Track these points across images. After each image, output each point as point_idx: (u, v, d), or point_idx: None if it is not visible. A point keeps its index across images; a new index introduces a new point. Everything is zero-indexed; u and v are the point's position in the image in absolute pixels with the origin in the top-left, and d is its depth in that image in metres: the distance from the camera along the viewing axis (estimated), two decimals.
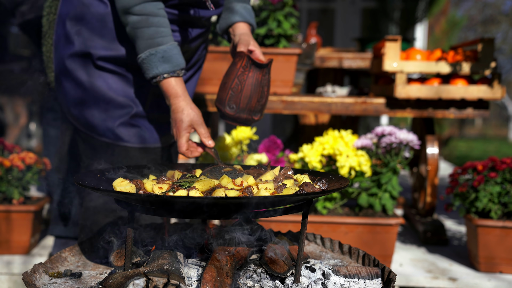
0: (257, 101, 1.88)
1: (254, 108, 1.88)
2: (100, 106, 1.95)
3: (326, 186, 1.52)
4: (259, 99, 1.88)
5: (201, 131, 1.80)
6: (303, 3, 7.80)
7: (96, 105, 1.95)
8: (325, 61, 4.01)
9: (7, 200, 2.84)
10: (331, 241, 1.75)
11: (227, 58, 3.07)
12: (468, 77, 3.09)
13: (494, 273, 2.65)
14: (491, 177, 2.65)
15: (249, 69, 1.85)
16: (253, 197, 1.26)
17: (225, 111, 1.87)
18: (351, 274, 1.45)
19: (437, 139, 3.26)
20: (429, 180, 3.15)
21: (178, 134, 1.79)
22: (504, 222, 2.58)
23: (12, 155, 2.84)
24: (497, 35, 15.58)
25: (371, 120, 7.98)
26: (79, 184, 1.37)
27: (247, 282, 1.40)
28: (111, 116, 1.95)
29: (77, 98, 1.97)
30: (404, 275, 2.64)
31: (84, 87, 1.95)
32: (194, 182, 1.40)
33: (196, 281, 1.38)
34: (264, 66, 1.85)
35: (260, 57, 1.92)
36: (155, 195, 1.27)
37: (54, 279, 1.44)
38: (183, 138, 1.78)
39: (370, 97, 3.19)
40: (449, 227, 3.51)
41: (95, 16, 1.91)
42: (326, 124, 4.20)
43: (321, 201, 2.69)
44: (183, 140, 1.79)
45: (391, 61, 3.03)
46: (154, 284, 1.23)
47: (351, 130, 3.04)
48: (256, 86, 1.85)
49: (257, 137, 2.79)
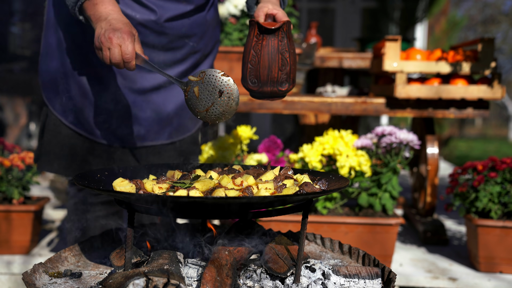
0: (279, 70, 1.71)
1: (278, 78, 1.72)
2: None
3: (326, 186, 1.52)
4: (281, 67, 1.71)
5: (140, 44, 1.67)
6: (303, 3, 7.80)
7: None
8: (325, 61, 4.00)
9: (7, 200, 2.84)
10: (331, 241, 1.75)
11: (227, 58, 3.06)
12: (468, 77, 3.09)
13: (494, 273, 2.64)
14: (491, 177, 2.65)
15: (262, 37, 1.68)
16: (253, 197, 1.26)
17: (248, 86, 1.75)
18: (351, 274, 1.45)
19: (437, 139, 3.26)
20: (429, 180, 3.15)
21: (123, 40, 1.59)
22: (504, 222, 2.58)
23: (12, 155, 2.84)
24: (497, 35, 15.58)
25: (371, 120, 7.99)
26: (79, 184, 1.37)
27: (247, 282, 1.40)
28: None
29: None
30: (404, 275, 2.64)
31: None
32: (194, 182, 1.40)
33: (196, 281, 1.38)
34: (275, 30, 1.67)
35: (280, 19, 1.72)
36: (155, 195, 1.27)
37: (54, 279, 1.44)
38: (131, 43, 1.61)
39: (370, 97, 3.19)
40: (449, 227, 3.51)
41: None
42: (326, 124, 4.20)
43: (321, 201, 2.69)
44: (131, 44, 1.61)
45: (391, 61, 3.03)
46: (154, 284, 1.23)
47: (351, 130, 3.04)
48: (273, 54, 1.69)
49: (257, 137, 2.79)
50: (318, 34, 4.30)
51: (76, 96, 1.97)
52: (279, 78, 1.71)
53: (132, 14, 1.84)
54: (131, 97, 1.95)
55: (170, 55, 1.94)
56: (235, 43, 3.23)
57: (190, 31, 1.96)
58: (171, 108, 2.01)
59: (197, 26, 1.97)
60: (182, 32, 1.94)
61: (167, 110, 2.00)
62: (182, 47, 1.97)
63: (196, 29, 1.97)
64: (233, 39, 3.24)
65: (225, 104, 1.57)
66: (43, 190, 4.38)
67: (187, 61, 2.01)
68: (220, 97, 1.56)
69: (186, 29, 1.94)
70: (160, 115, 1.99)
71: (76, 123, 2.00)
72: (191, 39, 1.98)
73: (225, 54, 2.99)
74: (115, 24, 1.62)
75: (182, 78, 2.00)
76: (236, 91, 1.57)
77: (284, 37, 1.69)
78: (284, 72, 1.72)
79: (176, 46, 1.95)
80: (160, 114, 1.99)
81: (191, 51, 2.01)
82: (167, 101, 2.00)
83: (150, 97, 1.97)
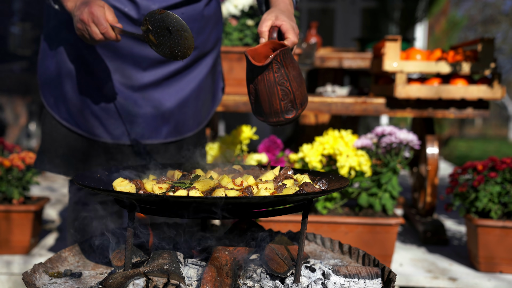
0: (281, 101, 1.58)
1: (281, 108, 1.60)
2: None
3: (326, 186, 1.52)
4: (283, 97, 1.58)
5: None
6: (303, 3, 7.80)
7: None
8: (325, 61, 4.01)
9: (7, 200, 2.84)
10: (331, 241, 1.75)
11: (227, 58, 3.06)
12: (468, 77, 3.09)
13: (494, 273, 2.64)
14: (491, 177, 2.65)
15: (255, 72, 1.55)
16: (253, 197, 1.26)
17: (257, 118, 1.66)
18: (351, 274, 1.45)
19: (437, 139, 3.26)
20: (429, 180, 3.15)
21: (93, 16, 1.63)
22: (504, 222, 2.58)
23: (12, 155, 2.84)
24: (497, 35, 15.58)
25: (371, 120, 7.98)
26: (79, 184, 1.37)
27: (247, 282, 1.40)
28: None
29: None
30: (404, 275, 2.64)
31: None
32: (194, 182, 1.40)
33: (196, 281, 1.38)
34: (267, 66, 1.52)
35: (286, 31, 1.58)
36: (155, 195, 1.26)
37: (54, 279, 1.44)
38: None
39: (370, 97, 3.19)
40: (449, 227, 3.51)
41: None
42: (326, 124, 4.20)
43: (321, 201, 2.69)
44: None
45: (391, 61, 3.03)
46: (154, 284, 1.23)
47: (351, 130, 3.04)
48: (271, 88, 1.56)
49: (257, 137, 2.79)
50: (318, 34, 4.30)
51: (72, 96, 1.97)
52: (283, 108, 1.60)
53: (121, 7, 1.84)
54: (129, 94, 1.94)
55: None
56: (235, 43, 3.23)
57: None
58: (172, 104, 1.99)
59: (192, 21, 1.93)
60: None
61: (167, 105, 1.99)
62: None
63: (190, 24, 1.91)
64: (233, 39, 3.23)
65: (180, 37, 1.57)
66: (43, 190, 4.39)
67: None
68: (171, 34, 1.57)
69: None
70: (160, 111, 1.98)
71: (73, 122, 2.00)
72: None
73: (225, 54, 2.99)
74: (82, 5, 1.66)
75: (177, 76, 2.00)
76: (180, 21, 1.55)
77: (280, 67, 1.54)
78: (287, 100, 1.60)
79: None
80: (160, 110, 1.98)
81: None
82: (168, 96, 1.99)
83: (149, 94, 1.96)
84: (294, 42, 1.59)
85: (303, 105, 1.61)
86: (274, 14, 1.61)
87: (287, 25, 1.59)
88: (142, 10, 1.83)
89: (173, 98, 1.99)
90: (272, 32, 1.61)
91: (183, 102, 2.01)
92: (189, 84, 2.03)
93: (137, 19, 1.85)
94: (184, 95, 2.02)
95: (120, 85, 1.93)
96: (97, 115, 1.96)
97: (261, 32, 1.60)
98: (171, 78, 1.99)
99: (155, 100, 1.97)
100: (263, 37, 1.60)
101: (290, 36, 1.57)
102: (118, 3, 1.83)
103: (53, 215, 3.63)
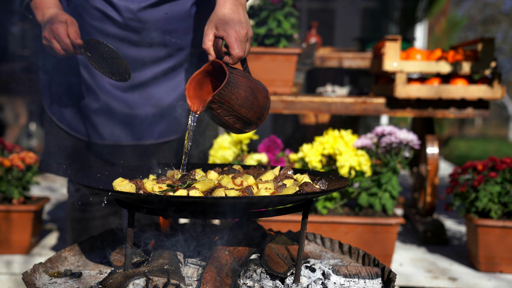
0: (236, 124, 1.53)
1: (240, 129, 1.56)
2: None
3: (326, 186, 1.52)
4: (234, 123, 1.53)
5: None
6: (303, 3, 7.80)
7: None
8: (325, 61, 4.01)
9: (7, 200, 2.84)
10: (331, 241, 1.75)
11: None
12: (468, 77, 3.09)
13: (494, 272, 2.64)
14: (491, 177, 2.65)
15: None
16: (253, 197, 1.26)
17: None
18: (351, 274, 1.45)
19: (437, 139, 3.26)
20: (429, 180, 3.15)
21: (54, 33, 1.72)
22: (504, 222, 2.58)
23: (12, 155, 2.84)
24: (497, 35, 15.58)
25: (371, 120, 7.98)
26: (79, 184, 1.37)
27: (247, 282, 1.40)
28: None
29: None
30: (404, 275, 2.64)
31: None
32: (194, 182, 1.40)
33: (196, 281, 1.38)
34: (204, 110, 1.45)
35: (230, 46, 1.48)
36: (155, 195, 1.27)
37: (54, 278, 1.44)
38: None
39: (370, 97, 3.19)
40: (449, 227, 3.51)
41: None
42: (326, 123, 4.20)
43: (321, 201, 2.69)
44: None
45: (391, 61, 3.03)
46: (154, 284, 1.23)
47: (351, 130, 3.04)
48: (220, 119, 1.50)
49: (257, 137, 2.79)
50: (318, 34, 4.30)
51: (69, 99, 1.99)
52: (240, 128, 1.55)
53: (105, 10, 1.85)
54: (126, 95, 1.94)
55: (151, 52, 1.90)
56: None
57: (168, 26, 1.89)
58: (171, 99, 1.99)
59: (177, 21, 1.90)
60: (160, 26, 1.88)
61: (167, 101, 1.98)
62: (165, 44, 1.92)
63: (176, 24, 1.89)
64: None
65: (114, 64, 1.68)
66: (43, 190, 4.39)
67: (171, 59, 1.95)
68: (107, 61, 1.69)
69: (163, 24, 1.87)
70: (159, 108, 1.98)
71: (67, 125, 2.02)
72: (173, 35, 1.91)
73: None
74: (47, 22, 1.75)
75: (166, 76, 1.99)
76: (111, 49, 1.66)
77: (220, 105, 1.45)
78: (241, 123, 1.53)
79: (157, 42, 1.90)
80: (159, 107, 1.97)
81: (174, 48, 1.94)
82: (166, 92, 1.99)
83: (147, 92, 1.96)
84: (238, 56, 1.49)
85: (261, 118, 1.55)
86: (213, 23, 1.54)
87: (229, 37, 1.49)
88: (122, 11, 1.83)
89: (174, 92, 1.99)
90: (216, 45, 1.52)
91: (182, 95, 2.00)
92: (185, 82, 2.02)
93: (121, 22, 1.84)
94: (181, 90, 2.01)
95: (116, 87, 1.94)
96: (94, 117, 1.97)
97: (207, 49, 1.53)
98: (169, 73, 1.98)
99: (153, 98, 1.97)
100: (210, 54, 1.53)
101: (233, 52, 1.48)
102: (101, 5, 1.84)
103: (53, 215, 3.63)
